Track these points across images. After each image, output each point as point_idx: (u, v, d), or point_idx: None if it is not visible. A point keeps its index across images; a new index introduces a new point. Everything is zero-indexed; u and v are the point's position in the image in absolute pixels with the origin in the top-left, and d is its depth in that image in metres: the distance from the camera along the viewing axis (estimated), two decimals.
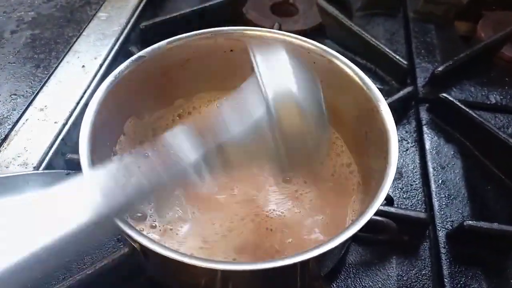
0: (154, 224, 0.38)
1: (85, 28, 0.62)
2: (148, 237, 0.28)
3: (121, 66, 0.38)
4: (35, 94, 0.53)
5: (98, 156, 0.34)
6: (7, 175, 0.30)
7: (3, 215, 0.25)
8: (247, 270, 0.28)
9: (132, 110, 0.41)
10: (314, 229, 0.39)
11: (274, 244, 0.37)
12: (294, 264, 0.28)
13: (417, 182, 0.49)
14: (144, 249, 0.30)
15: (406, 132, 0.55)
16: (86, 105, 0.52)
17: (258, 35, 0.43)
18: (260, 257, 0.36)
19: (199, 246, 0.36)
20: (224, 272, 0.29)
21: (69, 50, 0.59)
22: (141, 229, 0.37)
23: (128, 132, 0.41)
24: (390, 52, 0.59)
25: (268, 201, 0.40)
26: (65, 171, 0.31)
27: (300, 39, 0.42)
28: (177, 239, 0.37)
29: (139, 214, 0.38)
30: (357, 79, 0.40)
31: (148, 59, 0.40)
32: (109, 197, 0.26)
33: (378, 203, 0.31)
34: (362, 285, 0.41)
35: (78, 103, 0.52)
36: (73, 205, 0.25)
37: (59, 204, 0.25)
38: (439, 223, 0.45)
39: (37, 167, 0.46)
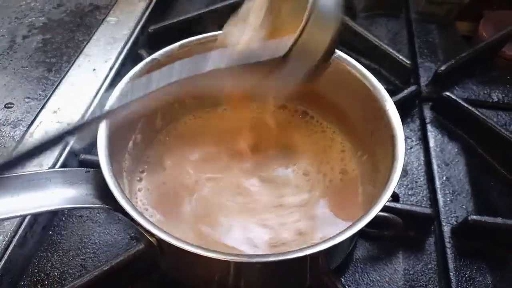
0: None
1: (95, 32, 0.64)
2: (166, 231, 0.29)
3: (136, 68, 0.39)
4: (48, 97, 0.55)
5: (114, 154, 0.35)
6: (31, 172, 0.31)
7: None
8: (259, 262, 0.29)
9: (146, 110, 0.42)
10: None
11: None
12: (304, 257, 0.29)
13: (421, 179, 0.50)
14: (161, 243, 0.31)
15: (410, 130, 0.56)
16: None
17: None
18: None
19: None
20: (236, 264, 0.30)
21: (80, 54, 0.60)
22: None
23: (141, 131, 0.43)
24: (394, 52, 0.60)
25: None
26: (85, 168, 0.32)
27: None
28: None
29: None
30: (363, 79, 0.41)
31: (161, 61, 0.41)
32: None
33: (385, 199, 0.32)
34: (370, 279, 0.42)
35: (90, 105, 0.54)
36: None
37: None
38: (444, 218, 0.46)
39: (52, 168, 0.47)
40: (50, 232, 0.45)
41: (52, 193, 0.30)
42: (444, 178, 0.50)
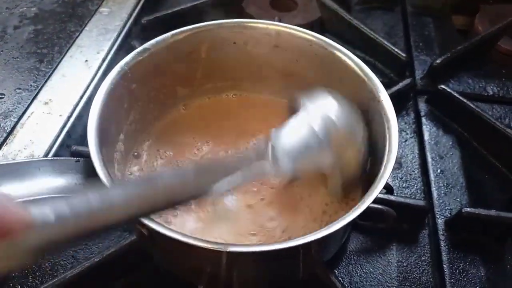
0: None
1: (87, 23, 0.63)
2: (156, 221, 0.29)
3: (127, 58, 0.39)
4: (39, 88, 0.54)
5: (104, 144, 0.35)
6: (20, 160, 0.30)
7: None
8: (250, 252, 0.29)
9: (138, 101, 0.42)
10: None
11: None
12: (296, 247, 0.29)
13: (416, 172, 0.50)
14: (152, 233, 0.31)
15: (405, 123, 0.56)
16: (90, 98, 0.53)
17: (261, 27, 0.44)
18: None
19: None
20: (228, 254, 0.29)
21: (72, 45, 0.60)
22: None
23: (133, 121, 0.42)
24: (389, 45, 0.59)
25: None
26: (75, 158, 0.32)
27: (303, 31, 0.43)
28: None
29: None
30: (358, 70, 0.41)
31: (153, 51, 0.41)
32: None
33: (377, 191, 0.32)
34: (363, 271, 0.42)
35: (82, 97, 0.53)
36: None
37: None
38: (438, 211, 0.46)
39: None
40: None
41: (41, 182, 0.30)
42: (439, 170, 0.50)
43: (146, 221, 0.29)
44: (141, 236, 0.32)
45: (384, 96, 0.38)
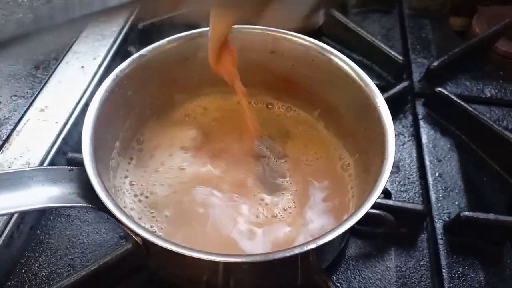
0: None
1: (83, 29, 0.63)
2: (150, 231, 0.29)
3: (123, 64, 0.39)
4: (35, 95, 0.54)
5: (100, 152, 0.34)
6: (13, 170, 0.30)
7: None
8: (246, 262, 0.29)
9: (134, 107, 0.42)
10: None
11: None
12: (293, 257, 0.29)
13: (414, 176, 0.50)
14: (146, 242, 0.31)
15: (403, 126, 0.55)
16: (86, 104, 0.53)
17: (257, 33, 0.43)
18: None
19: None
20: (223, 264, 0.29)
21: (68, 51, 0.59)
22: None
23: (129, 128, 0.42)
24: (386, 48, 0.59)
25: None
26: (69, 167, 0.32)
27: (299, 37, 0.43)
28: None
29: None
30: (355, 76, 0.40)
31: (149, 57, 0.40)
32: None
33: (375, 196, 0.32)
34: (362, 276, 0.42)
35: (78, 103, 0.53)
36: None
37: None
38: (436, 214, 0.46)
39: (39, 166, 0.46)
40: (38, 232, 0.44)
41: (34, 191, 0.30)
42: (437, 174, 0.49)
43: (138, 230, 0.29)
44: (136, 244, 0.32)
45: (380, 102, 0.38)
